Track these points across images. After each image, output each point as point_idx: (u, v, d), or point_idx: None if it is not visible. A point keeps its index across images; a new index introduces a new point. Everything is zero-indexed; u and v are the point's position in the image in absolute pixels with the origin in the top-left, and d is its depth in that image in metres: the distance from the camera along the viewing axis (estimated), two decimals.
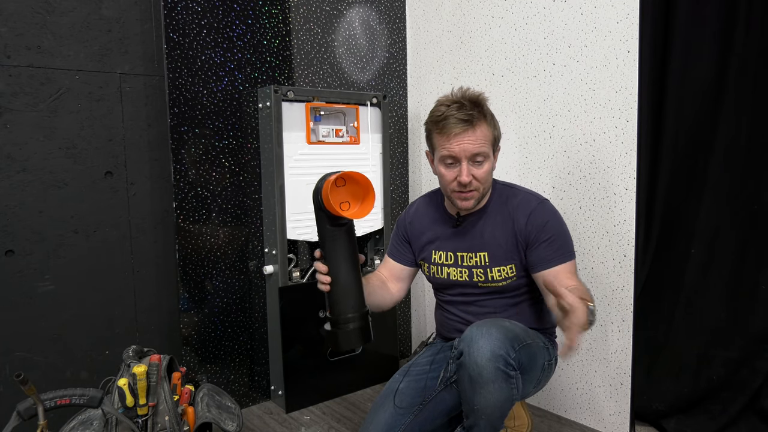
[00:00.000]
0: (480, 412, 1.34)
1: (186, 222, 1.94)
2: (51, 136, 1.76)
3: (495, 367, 1.28)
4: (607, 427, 1.86)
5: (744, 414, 1.74)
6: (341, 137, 2.16)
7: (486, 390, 1.30)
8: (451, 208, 1.60)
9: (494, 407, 1.33)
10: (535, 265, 1.49)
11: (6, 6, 1.66)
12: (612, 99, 1.77)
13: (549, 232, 1.48)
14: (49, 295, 1.78)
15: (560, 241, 1.49)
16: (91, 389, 1.44)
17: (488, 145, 1.46)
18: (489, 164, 1.47)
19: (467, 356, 1.31)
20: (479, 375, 1.29)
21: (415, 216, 1.67)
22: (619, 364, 1.82)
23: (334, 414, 2.06)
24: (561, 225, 1.53)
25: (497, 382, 1.29)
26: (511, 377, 1.31)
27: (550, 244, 1.48)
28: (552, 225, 1.50)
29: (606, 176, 1.81)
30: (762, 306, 1.71)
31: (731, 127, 1.73)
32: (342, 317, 1.32)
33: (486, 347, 1.29)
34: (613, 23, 1.75)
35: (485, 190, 1.51)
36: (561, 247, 1.48)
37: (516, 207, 1.52)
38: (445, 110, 1.44)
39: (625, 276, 1.78)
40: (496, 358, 1.28)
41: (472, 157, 1.44)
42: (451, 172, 1.47)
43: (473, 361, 1.29)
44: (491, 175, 1.51)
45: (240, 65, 2.03)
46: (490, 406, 1.32)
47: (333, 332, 1.33)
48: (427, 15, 2.42)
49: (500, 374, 1.29)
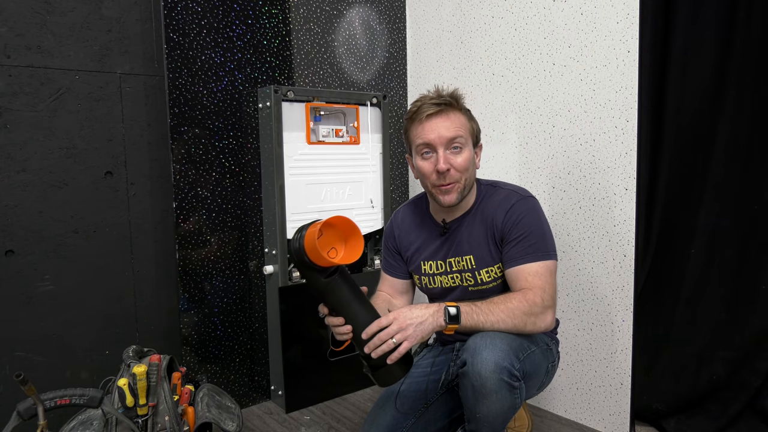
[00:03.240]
0: (482, 420, 1.32)
1: (186, 222, 1.94)
2: (51, 136, 1.76)
3: (499, 378, 1.25)
4: (607, 427, 1.86)
5: (744, 414, 1.74)
6: (341, 137, 2.16)
7: (489, 400, 1.28)
8: (438, 215, 1.55)
9: (497, 415, 1.31)
10: (504, 263, 1.43)
11: (6, 6, 1.66)
12: (612, 99, 1.77)
13: (522, 229, 1.40)
14: (49, 295, 1.78)
15: (533, 239, 1.39)
16: (91, 389, 1.44)
17: (465, 133, 1.41)
18: (468, 153, 1.42)
19: (470, 366, 1.28)
20: (483, 386, 1.26)
21: (402, 227, 1.62)
22: (619, 364, 1.82)
23: (334, 414, 2.06)
24: (538, 222, 1.42)
25: (501, 392, 1.27)
26: (515, 388, 1.29)
27: (521, 241, 1.39)
28: (527, 221, 1.40)
29: (606, 176, 1.81)
30: (762, 306, 1.71)
31: (731, 126, 1.73)
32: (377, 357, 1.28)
33: (490, 359, 1.25)
34: (613, 23, 1.75)
35: (467, 182, 1.44)
36: (533, 245, 1.38)
37: (496, 205, 1.45)
38: (419, 103, 1.42)
39: (625, 276, 1.78)
40: (500, 370, 1.25)
41: (447, 143, 1.39)
42: (429, 163, 1.41)
43: (477, 372, 1.27)
44: (473, 168, 1.45)
45: (240, 65, 2.03)
46: (492, 414, 1.30)
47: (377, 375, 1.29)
48: (427, 15, 2.42)
49: (504, 385, 1.27)
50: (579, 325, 1.92)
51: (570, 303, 1.94)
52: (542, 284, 1.35)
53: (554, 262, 1.41)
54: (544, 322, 1.32)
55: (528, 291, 1.33)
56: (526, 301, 1.31)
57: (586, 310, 1.89)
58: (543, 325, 1.32)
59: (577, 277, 1.91)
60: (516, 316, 1.29)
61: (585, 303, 1.89)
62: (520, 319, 1.29)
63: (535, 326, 1.31)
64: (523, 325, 1.30)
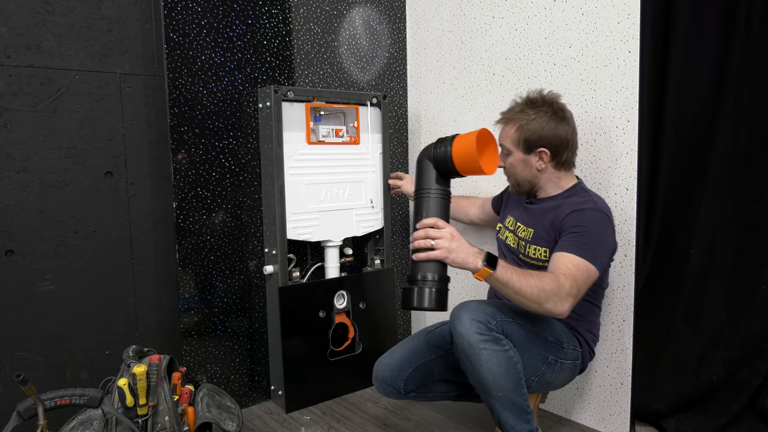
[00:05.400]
0: (490, 387, 1.39)
1: (186, 222, 1.94)
2: (51, 136, 1.76)
3: (477, 331, 1.36)
4: (607, 427, 1.86)
5: (744, 414, 1.74)
6: (341, 137, 2.16)
7: (482, 357, 1.36)
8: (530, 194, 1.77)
9: (499, 374, 1.37)
10: (555, 249, 1.52)
11: (6, 6, 1.66)
12: (612, 99, 1.77)
13: (581, 228, 1.50)
14: (49, 295, 1.78)
15: (586, 238, 1.49)
16: (91, 389, 1.44)
17: (510, 143, 1.65)
18: (513, 159, 1.66)
19: (453, 333, 1.40)
20: (469, 345, 1.37)
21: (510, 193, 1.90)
22: (619, 364, 1.82)
23: (334, 414, 2.06)
24: (600, 230, 1.52)
25: (488, 344, 1.36)
26: (500, 339, 1.38)
27: (576, 235, 1.50)
28: (589, 225, 1.51)
29: (606, 176, 1.80)
30: (762, 306, 1.71)
31: (731, 127, 1.73)
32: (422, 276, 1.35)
33: (465, 316, 1.39)
34: (613, 23, 1.75)
35: (517, 179, 1.69)
36: (585, 244, 1.47)
37: (572, 204, 1.59)
38: None
39: (625, 276, 1.78)
40: (475, 323, 1.37)
41: (501, 147, 1.69)
42: None
43: (458, 333, 1.38)
44: (523, 169, 1.66)
45: (240, 65, 2.03)
46: (494, 373, 1.37)
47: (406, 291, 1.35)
48: (427, 15, 2.42)
49: (487, 338, 1.36)
50: None
51: None
52: (576, 275, 1.42)
53: (596, 269, 1.47)
54: (563, 307, 1.39)
55: (561, 276, 1.41)
56: (556, 283, 1.38)
57: None
58: (561, 310, 1.39)
59: None
60: (542, 291, 1.37)
61: None
62: (544, 295, 1.37)
63: (554, 307, 1.38)
64: (545, 301, 1.37)
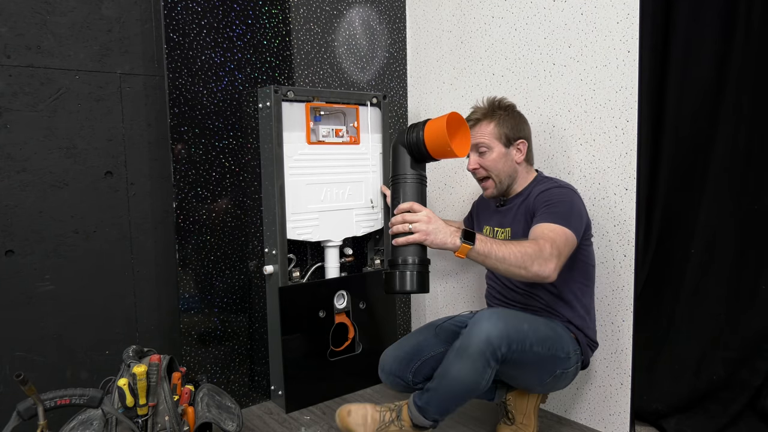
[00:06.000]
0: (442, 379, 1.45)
1: (186, 222, 1.94)
2: (51, 136, 1.76)
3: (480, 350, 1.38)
4: (607, 427, 1.86)
5: (744, 414, 1.74)
6: (341, 137, 2.16)
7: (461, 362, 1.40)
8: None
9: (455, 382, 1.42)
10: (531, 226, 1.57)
11: (6, 6, 1.66)
12: (612, 99, 1.77)
13: (550, 202, 1.57)
14: (49, 295, 1.78)
15: (555, 208, 1.53)
16: (91, 389, 1.44)
17: (490, 138, 1.69)
18: (495, 155, 1.69)
19: (467, 331, 1.43)
20: (466, 348, 1.42)
21: (481, 199, 1.97)
22: (619, 364, 1.82)
23: (334, 414, 2.06)
24: (568, 201, 1.57)
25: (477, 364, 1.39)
26: (489, 367, 1.40)
27: (547, 206, 1.54)
28: (557, 199, 1.56)
29: (606, 176, 1.81)
30: (762, 306, 1.71)
31: (731, 126, 1.73)
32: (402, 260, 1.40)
33: (484, 330, 1.40)
34: (613, 23, 1.75)
35: (499, 176, 1.71)
36: (557, 212, 1.52)
37: (539, 190, 1.65)
38: None
39: (625, 276, 1.78)
40: (487, 343, 1.39)
41: (475, 147, 1.72)
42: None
43: (467, 334, 1.43)
44: (504, 164, 1.70)
45: (240, 65, 2.03)
46: (452, 378, 1.42)
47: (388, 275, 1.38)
48: (427, 15, 2.42)
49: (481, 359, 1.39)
50: None
51: None
52: (554, 238, 1.46)
53: (572, 234, 1.51)
54: (549, 267, 1.42)
55: (540, 239, 1.45)
56: (537, 246, 1.43)
57: None
58: (547, 270, 1.41)
59: None
60: (526, 254, 1.40)
61: None
62: (528, 258, 1.40)
63: (541, 268, 1.41)
64: (531, 264, 1.40)
